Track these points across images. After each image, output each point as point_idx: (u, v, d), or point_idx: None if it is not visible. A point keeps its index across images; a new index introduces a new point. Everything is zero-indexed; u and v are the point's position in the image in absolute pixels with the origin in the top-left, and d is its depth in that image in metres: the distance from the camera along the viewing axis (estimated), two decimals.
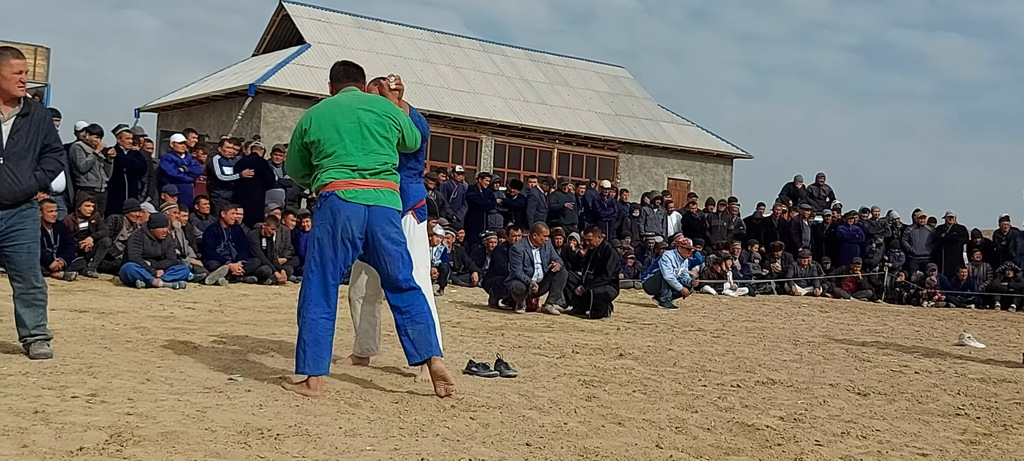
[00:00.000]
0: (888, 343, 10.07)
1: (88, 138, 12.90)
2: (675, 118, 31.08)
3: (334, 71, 5.48)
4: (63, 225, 11.28)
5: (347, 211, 5.06)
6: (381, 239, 5.15)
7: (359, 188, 5.08)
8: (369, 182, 5.11)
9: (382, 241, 5.15)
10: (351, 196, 5.07)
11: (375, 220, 5.12)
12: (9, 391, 4.64)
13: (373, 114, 5.20)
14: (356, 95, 5.31)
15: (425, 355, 5.21)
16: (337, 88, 5.39)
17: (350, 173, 5.08)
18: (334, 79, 5.45)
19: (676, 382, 6.40)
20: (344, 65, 5.50)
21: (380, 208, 5.13)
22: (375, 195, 5.12)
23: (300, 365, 5.09)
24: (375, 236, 5.14)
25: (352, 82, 5.40)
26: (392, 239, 5.19)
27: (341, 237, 5.07)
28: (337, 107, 5.21)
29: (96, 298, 9.35)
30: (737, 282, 17.30)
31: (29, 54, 22.21)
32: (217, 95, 25.07)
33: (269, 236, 12.99)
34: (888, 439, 4.99)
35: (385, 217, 5.15)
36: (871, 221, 20.47)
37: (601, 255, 11.54)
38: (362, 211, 5.08)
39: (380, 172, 5.15)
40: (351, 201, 5.06)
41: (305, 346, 5.08)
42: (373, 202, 5.11)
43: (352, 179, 5.08)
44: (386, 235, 5.16)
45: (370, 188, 5.11)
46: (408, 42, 28.28)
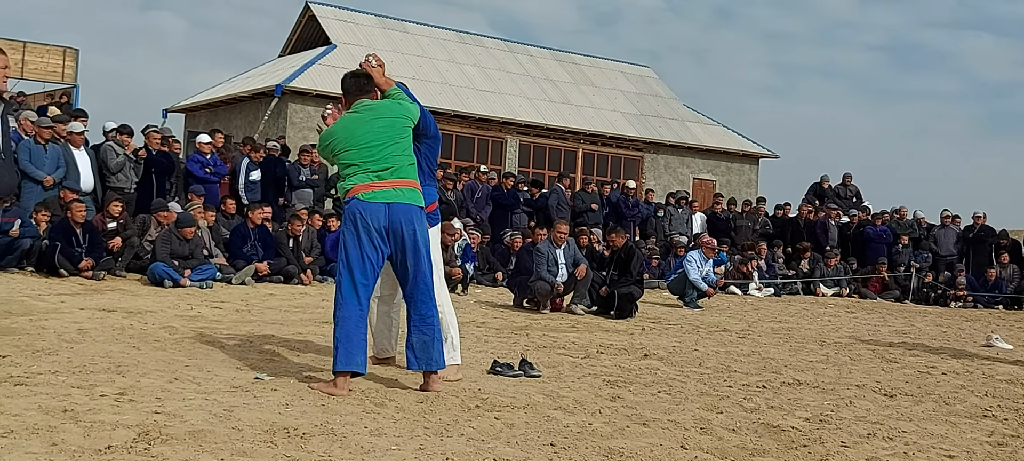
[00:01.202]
0: (915, 344, 9.99)
1: (119, 138, 13.03)
2: (700, 118, 30.96)
3: (346, 86, 5.59)
4: (92, 225, 11.39)
5: (368, 210, 5.22)
6: (403, 237, 5.27)
7: (378, 189, 5.25)
8: (388, 182, 5.27)
9: (404, 239, 5.27)
10: (371, 196, 5.24)
11: (396, 216, 5.25)
12: (39, 390, 4.69)
13: (385, 120, 5.37)
14: (368, 105, 5.45)
15: (423, 367, 5.34)
16: (350, 102, 5.52)
17: (370, 176, 5.26)
18: (347, 92, 5.57)
19: (701, 383, 6.38)
20: (354, 77, 5.59)
21: (400, 204, 5.27)
22: (394, 193, 5.27)
23: (336, 362, 5.19)
24: (399, 232, 5.26)
25: (363, 93, 5.52)
26: (417, 232, 5.31)
27: (364, 236, 5.21)
28: (351, 122, 5.38)
29: (124, 298, 9.44)
30: (763, 282, 17.22)
31: (58, 55, 22.47)
32: (244, 96, 25.22)
33: (295, 236, 13.06)
34: (915, 441, 4.96)
35: (407, 212, 5.28)
36: (898, 221, 20.31)
37: (625, 255, 11.52)
38: (382, 209, 5.23)
39: (397, 172, 5.31)
40: (371, 201, 5.23)
41: (337, 344, 5.20)
42: (393, 199, 5.26)
43: (371, 182, 5.25)
44: (408, 229, 5.28)
45: (389, 187, 5.26)
46: (433, 42, 28.33)
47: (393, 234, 5.26)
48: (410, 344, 5.34)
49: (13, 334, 6.41)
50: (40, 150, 11.92)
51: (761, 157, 30.60)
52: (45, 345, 6.03)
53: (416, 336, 5.33)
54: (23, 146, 11.89)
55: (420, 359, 5.32)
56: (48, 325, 6.97)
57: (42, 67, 22.25)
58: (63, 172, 12.01)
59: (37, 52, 22.21)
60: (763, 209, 20.40)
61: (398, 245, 5.28)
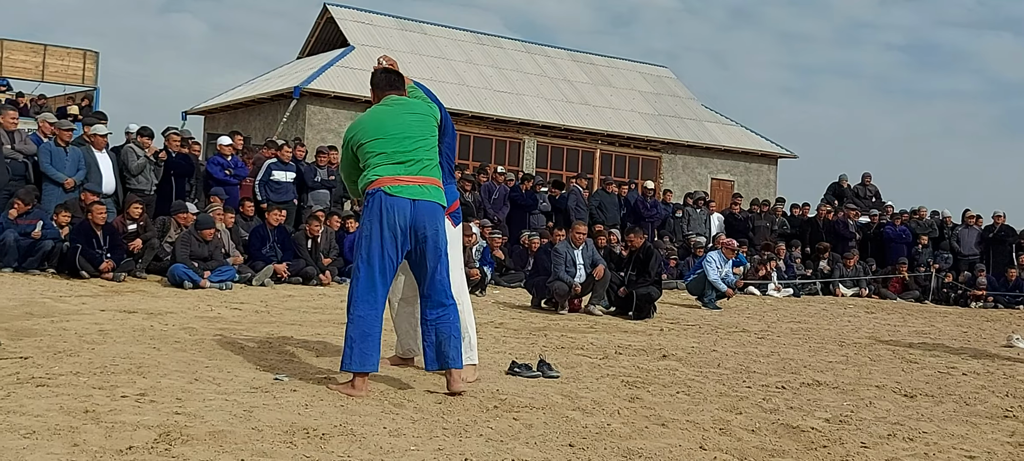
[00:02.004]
0: (935, 344, 9.93)
1: (139, 141, 13.11)
2: (718, 118, 30.86)
3: (375, 80, 5.59)
4: (112, 227, 11.47)
5: (394, 205, 5.16)
6: (426, 235, 5.23)
7: (404, 184, 5.19)
8: (414, 178, 5.22)
9: (427, 237, 5.24)
10: (397, 191, 5.17)
11: (420, 214, 5.21)
12: (60, 391, 4.73)
13: (415, 115, 5.36)
14: (398, 100, 5.46)
15: (443, 365, 5.29)
16: (379, 96, 5.52)
17: (395, 169, 5.20)
18: (376, 87, 5.57)
19: (720, 383, 6.37)
20: (385, 73, 5.60)
21: (425, 203, 5.23)
22: (420, 190, 5.22)
23: (346, 362, 5.16)
24: (422, 231, 5.22)
25: (393, 89, 5.52)
26: (438, 231, 5.28)
27: (388, 232, 5.16)
28: (381, 113, 5.37)
29: (145, 299, 9.50)
30: (782, 283, 17.15)
31: (78, 58, 22.64)
32: (262, 98, 25.33)
33: (314, 237, 13.10)
34: (935, 441, 4.93)
35: (430, 211, 5.25)
36: (918, 221, 20.19)
37: (643, 256, 11.50)
38: (408, 205, 5.18)
39: (424, 169, 5.27)
40: (397, 196, 5.17)
41: (352, 343, 5.14)
42: (418, 197, 5.21)
43: (397, 176, 5.20)
44: (432, 231, 5.25)
45: (414, 184, 5.21)
46: (451, 43, 28.36)
47: (416, 232, 5.22)
48: (429, 342, 5.32)
49: (35, 335, 6.47)
50: (61, 152, 12.01)
51: (780, 157, 30.48)
52: (66, 346, 6.08)
53: (434, 335, 5.31)
54: (43, 149, 11.98)
55: (439, 358, 5.30)
56: (69, 326, 7.02)
57: (63, 70, 22.42)
58: (84, 174, 12.10)
59: (58, 55, 22.37)
60: (781, 209, 20.33)
61: (419, 243, 5.24)
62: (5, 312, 7.55)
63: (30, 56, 21.92)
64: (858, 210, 20.51)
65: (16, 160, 11.92)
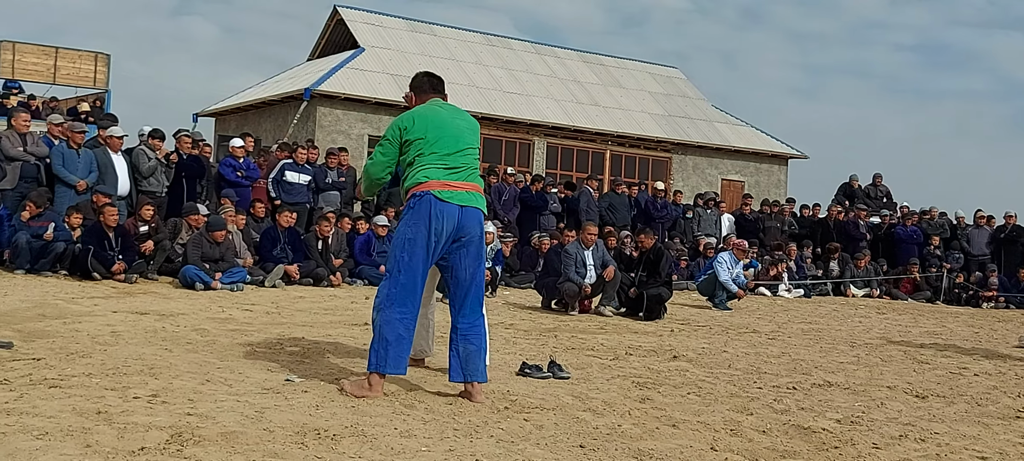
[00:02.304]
0: (947, 345, 9.90)
1: (151, 142, 13.15)
2: (729, 118, 30.81)
3: (418, 82, 5.55)
4: (124, 229, 11.51)
5: (444, 212, 5.10)
6: (470, 242, 5.20)
7: (453, 189, 5.14)
8: (462, 184, 5.18)
9: (473, 242, 5.20)
10: (447, 196, 5.12)
11: (466, 221, 5.17)
12: (73, 392, 4.75)
13: (466, 123, 5.37)
14: (449, 105, 5.44)
15: (469, 378, 5.24)
16: (423, 98, 5.47)
17: (445, 173, 5.15)
18: (419, 90, 5.51)
19: (731, 384, 6.36)
20: (428, 76, 5.58)
21: (471, 209, 5.20)
22: (468, 197, 5.19)
23: (380, 363, 5.05)
24: (465, 236, 5.18)
25: (436, 93, 5.51)
26: (479, 243, 5.26)
27: (434, 238, 5.11)
28: (438, 114, 5.31)
29: (156, 300, 9.53)
30: (792, 283, 17.11)
31: (90, 61, 22.74)
32: (273, 99, 25.38)
33: (325, 238, 13.13)
34: (947, 442, 4.92)
35: (476, 219, 5.23)
36: (929, 222, 20.13)
37: (654, 256, 11.49)
38: (456, 212, 5.13)
39: (470, 175, 5.25)
40: (447, 201, 5.12)
41: (387, 345, 5.06)
42: (466, 203, 5.17)
43: (447, 180, 5.15)
44: (477, 236, 5.22)
45: (463, 190, 5.17)
46: (461, 45, 28.38)
47: (461, 238, 5.16)
48: (456, 352, 5.25)
49: (48, 337, 6.50)
50: (73, 154, 12.06)
51: (790, 158, 30.40)
52: (79, 348, 6.11)
53: (463, 345, 5.24)
54: (56, 151, 12.03)
55: (466, 370, 5.23)
56: (82, 328, 7.05)
57: (74, 72, 22.52)
58: (95, 176, 12.15)
59: (69, 57, 22.48)
60: (790, 209, 20.29)
61: (464, 250, 5.20)
62: (18, 314, 7.59)
63: (42, 59, 22.02)
64: (868, 211, 20.45)
65: (28, 162, 11.98)
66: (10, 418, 4.13)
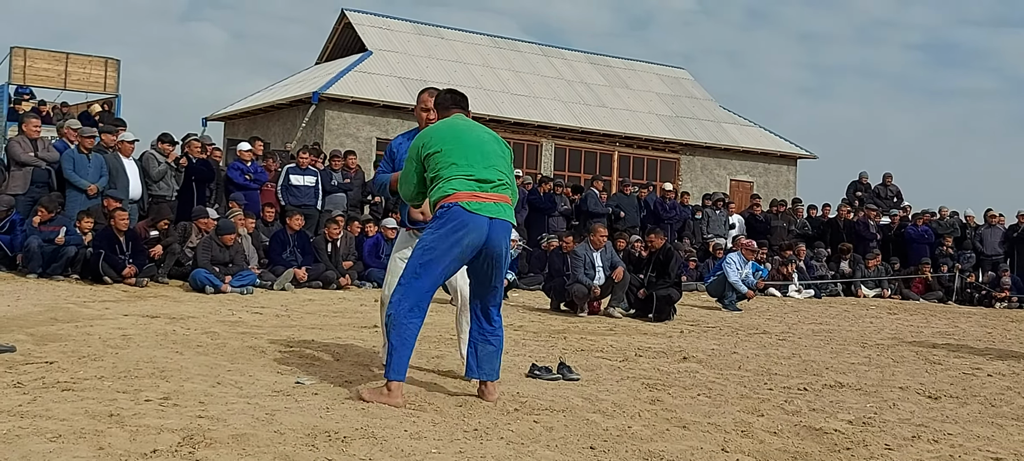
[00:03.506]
0: (959, 345, 9.86)
1: (160, 147, 13.19)
2: (737, 119, 30.75)
3: (442, 100, 5.52)
4: (135, 232, 11.55)
5: (472, 223, 5.04)
6: (499, 253, 5.18)
7: (482, 201, 5.08)
8: (490, 195, 5.12)
9: (500, 255, 5.19)
10: (476, 208, 5.06)
11: (495, 233, 5.13)
12: (85, 395, 4.76)
13: (490, 133, 5.34)
14: (470, 121, 5.41)
15: (486, 377, 5.30)
16: (445, 114, 5.44)
17: (472, 185, 5.10)
18: (442, 107, 5.49)
19: (741, 385, 6.35)
20: (451, 93, 5.56)
21: (500, 221, 5.15)
22: (496, 208, 5.13)
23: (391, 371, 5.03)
24: (493, 249, 5.15)
25: (460, 109, 5.48)
26: (506, 254, 5.25)
27: (458, 249, 5.06)
28: (456, 126, 5.28)
29: (167, 304, 9.56)
30: (802, 284, 17.07)
31: (100, 66, 22.79)
32: (281, 103, 25.44)
33: (333, 241, 13.15)
34: (960, 443, 4.90)
35: (504, 230, 5.18)
36: (939, 221, 20.06)
37: (663, 257, 11.47)
38: (485, 223, 5.08)
39: (499, 186, 5.19)
40: (476, 213, 5.06)
41: (394, 350, 5.03)
42: (495, 215, 5.11)
43: (475, 191, 5.08)
44: (504, 249, 5.20)
45: (491, 201, 5.12)
46: (468, 47, 28.40)
47: (488, 249, 5.13)
48: (474, 351, 5.30)
49: (60, 340, 6.52)
50: (83, 159, 12.10)
51: (799, 158, 30.34)
52: (91, 351, 6.13)
53: (483, 346, 5.30)
54: (66, 156, 12.08)
55: (483, 369, 5.28)
56: (93, 331, 7.07)
57: (85, 78, 22.57)
58: (106, 181, 12.19)
59: (80, 63, 22.53)
60: (800, 210, 20.25)
61: (490, 259, 5.18)
62: (30, 318, 7.62)
63: (52, 64, 22.09)
64: (879, 210, 20.39)
65: (40, 167, 12.03)
66: (23, 421, 4.14)
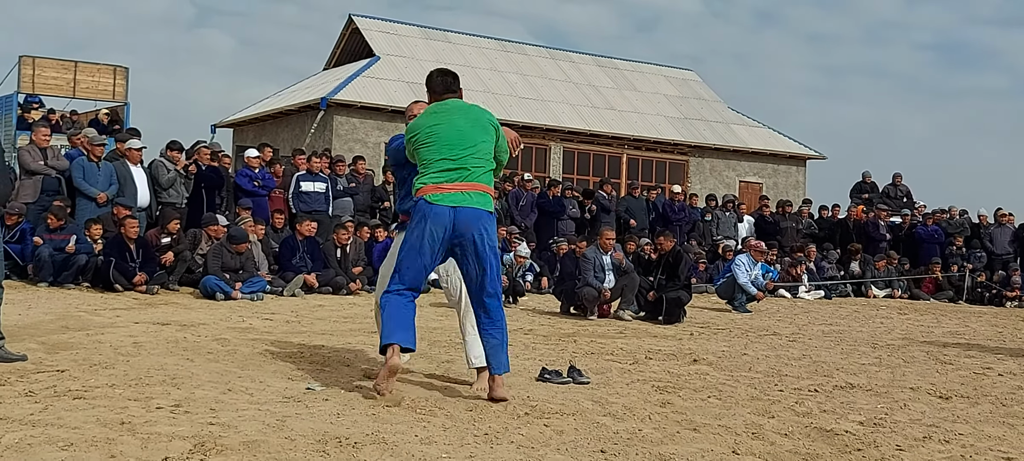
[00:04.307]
0: (970, 345, 9.82)
1: (169, 154, 13.23)
2: (746, 120, 30.70)
3: (432, 82, 5.57)
4: (145, 240, 11.58)
5: (432, 214, 5.18)
6: (471, 240, 5.23)
7: (445, 191, 5.19)
8: (456, 185, 5.20)
9: (473, 239, 5.23)
10: (437, 199, 5.18)
11: (462, 221, 5.19)
12: (97, 403, 4.78)
13: (468, 118, 5.36)
14: (454, 104, 5.44)
15: (492, 370, 5.36)
16: (434, 99, 5.51)
17: (439, 177, 5.21)
18: (433, 91, 5.55)
19: (752, 387, 6.34)
20: (441, 74, 5.60)
21: (467, 209, 5.20)
22: (462, 197, 5.20)
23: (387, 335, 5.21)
24: (463, 237, 5.22)
25: (449, 93, 5.52)
26: (484, 236, 5.26)
27: (428, 240, 5.20)
28: (435, 115, 5.37)
29: (178, 311, 9.58)
30: (812, 284, 17.03)
31: (108, 74, 22.88)
32: (290, 109, 25.51)
33: (343, 246, 13.17)
34: (972, 443, 4.88)
35: (474, 217, 5.23)
36: (949, 221, 20.00)
37: (673, 260, 11.46)
38: (446, 213, 5.17)
39: (470, 174, 5.24)
40: (437, 204, 5.18)
41: (389, 318, 5.22)
42: (459, 203, 5.19)
43: (440, 183, 5.20)
44: (477, 233, 5.23)
45: (456, 191, 5.20)
46: (475, 51, 28.42)
47: (458, 238, 5.22)
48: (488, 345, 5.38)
49: (71, 349, 6.54)
50: (93, 167, 12.15)
51: (808, 159, 30.29)
52: (102, 359, 6.15)
53: (486, 339, 5.37)
54: (76, 164, 12.13)
55: (490, 363, 5.36)
56: (104, 339, 7.10)
57: (93, 86, 22.64)
58: (116, 189, 12.23)
59: (88, 71, 22.59)
60: (807, 211, 20.20)
61: (465, 249, 5.26)
62: (42, 326, 7.65)
63: (61, 73, 22.16)
64: (888, 210, 20.35)
65: (49, 176, 12.08)
66: (35, 429, 4.16)
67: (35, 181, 11.99)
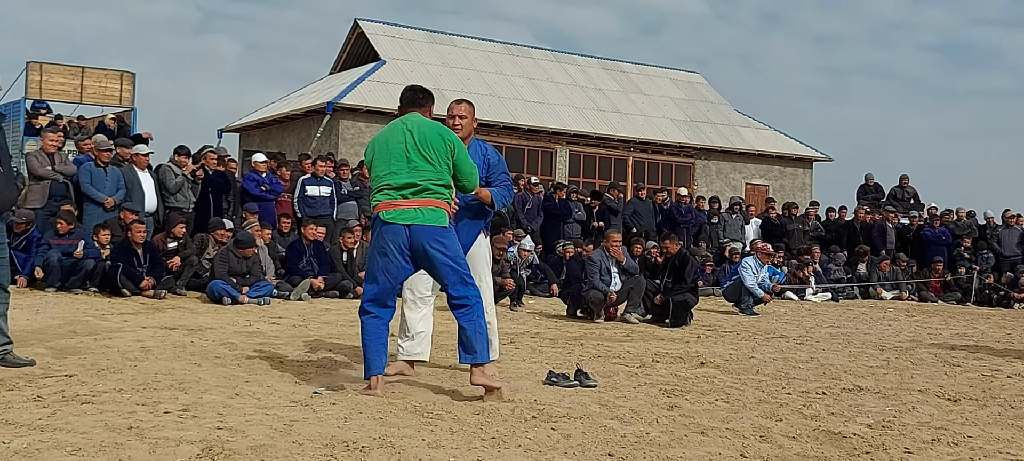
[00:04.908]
0: (978, 346, 9.80)
1: (177, 159, 13.26)
2: (752, 122, 30.67)
3: (402, 96, 5.78)
4: (152, 245, 11.61)
5: (388, 231, 5.39)
6: (430, 251, 5.40)
7: (398, 208, 5.37)
8: (409, 202, 5.37)
9: (431, 253, 5.41)
10: (391, 217, 5.38)
11: (417, 237, 5.38)
12: (105, 408, 4.79)
13: (419, 134, 5.44)
14: (410, 118, 5.57)
15: (469, 360, 5.52)
16: (402, 112, 5.68)
17: (392, 194, 5.40)
18: (401, 104, 5.74)
19: (759, 390, 6.32)
20: (411, 90, 5.79)
21: (419, 226, 5.37)
22: (413, 214, 5.37)
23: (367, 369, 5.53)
24: (422, 250, 5.41)
25: (416, 107, 5.66)
26: (439, 250, 5.41)
27: (387, 256, 5.42)
28: (390, 131, 5.54)
29: (185, 315, 9.60)
30: (819, 287, 17.00)
31: (115, 80, 22.96)
32: (296, 114, 25.54)
33: (349, 250, 13.18)
34: (980, 446, 4.87)
35: (427, 234, 5.39)
36: (956, 222, 19.96)
37: (679, 262, 11.44)
38: (402, 231, 5.38)
39: (422, 191, 5.38)
40: (391, 222, 5.38)
41: (365, 349, 5.53)
42: (411, 221, 5.37)
43: (393, 200, 5.39)
44: (432, 247, 5.40)
45: (409, 208, 5.37)
46: (481, 55, 28.43)
47: (415, 253, 5.42)
48: (459, 338, 5.56)
49: (79, 353, 6.56)
50: (100, 173, 12.18)
51: (815, 160, 30.24)
52: (110, 364, 6.16)
53: (461, 330, 5.53)
54: (83, 169, 12.16)
55: (466, 353, 5.51)
56: (112, 344, 7.11)
57: (100, 92, 22.72)
58: (123, 194, 12.26)
59: (95, 77, 22.66)
60: (814, 213, 20.17)
61: (425, 262, 5.48)
62: (50, 331, 7.67)
63: (68, 78, 22.23)
64: (895, 212, 20.31)
65: (57, 181, 12.11)
66: (44, 434, 4.17)
67: (43, 186, 12.02)
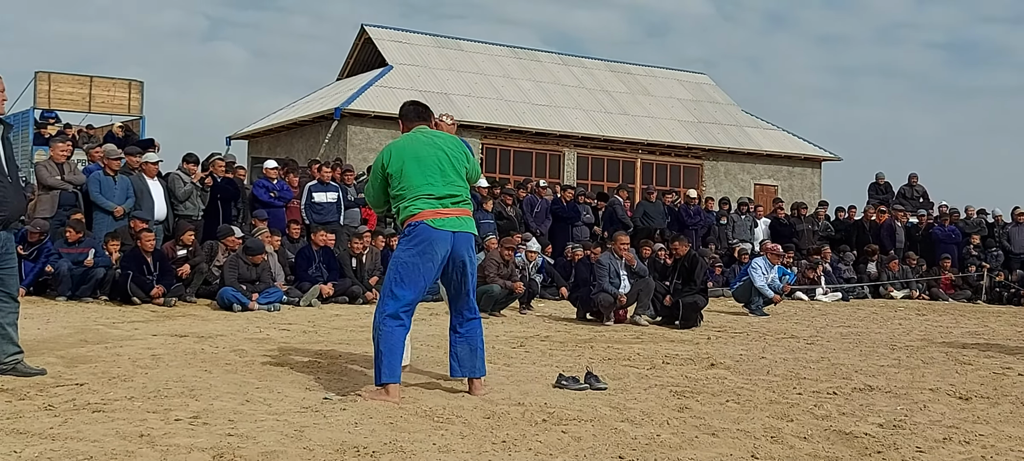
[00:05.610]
0: (989, 345, 9.76)
1: (185, 167, 13.30)
2: (759, 123, 30.63)
3: (405, 111, 5.99)
4: (162, 252, 11.64)
5: (438, 238, 5.55)
6: (464, 262, 5.68)
7: (445, 217, 5.59)
8: (451, 211, 5.62)
9: (464, 264, 5.68)
10: (440, 225, 5.57)
11: (459, 245, 5.64)
12: (116, 416, 4.80)
13: (450, 149, 5.75)
14: (432, 133, 5.84)
15: (468, 374, 5.78)
16: (409, 127, 5.89)
17: (435, 203, 5.59)
18: (405, 119, 5.95)
19: (770, 391, 6.31)
20: (414, 105, 6.03)
21: (462, 234, 5.67)
22: (458, 222, 5.65)
23: (386, 374, 5.47)
24: (458, 259, 5.66)
25: (422, 121, 5.92)
26: (471, 259, 5.74)
27: (429, 263, 5.55)
28: (416, 142, 5.73)
29: (195, 322, 9.62)
30: (829, 287, 16.95)
31: (124, 88, 23.06)
32: (304, 120, 25.61)
33: (358, 255, 13.19)
34: (992, 444, 4.85)
35: (467, 242, 5.71)
36: (965, 220, 19.89)
37: (688, 264, 11.42)
38: (449, 237, 5.59)
39: (459, 201, 5.68)
40: (440, 229, 5.56)
41: (383, 356, 5.49)
42: (457, 229, 5.63)
43: (438, 209, 5.58)
44: (468, 258, 5.70)
45: (453, 216, 5.62)
46: (488, 59, 28.47)
47: (454, 260, 5.63)
48: (454, 353, 5.77)
49: (90, 362, 6.58)
50: (109, 181, 12.21)
51: (823, 160, 30.19)
52: (120, 371, 6.18)
53: (461, 346, 5.77)
54: (93, 178, 12.19)
55: (464, 367, 5.77)
56: (123, 352, 7.13)
57: (109, 100, 22.81)
58: (132, 202, 12.29)
59: (104, 86, 22.76)
60: (823, 213, 20.13)
61: (456, 269, 5.68)
62: (60, 340, 7.69)
63: (77, 88, 22.33)
64: (905, 211, 20.26)
65: (66, 190, 12.15)
66: (55, 443, 4.18)
67: (52, 196, 12.06)
